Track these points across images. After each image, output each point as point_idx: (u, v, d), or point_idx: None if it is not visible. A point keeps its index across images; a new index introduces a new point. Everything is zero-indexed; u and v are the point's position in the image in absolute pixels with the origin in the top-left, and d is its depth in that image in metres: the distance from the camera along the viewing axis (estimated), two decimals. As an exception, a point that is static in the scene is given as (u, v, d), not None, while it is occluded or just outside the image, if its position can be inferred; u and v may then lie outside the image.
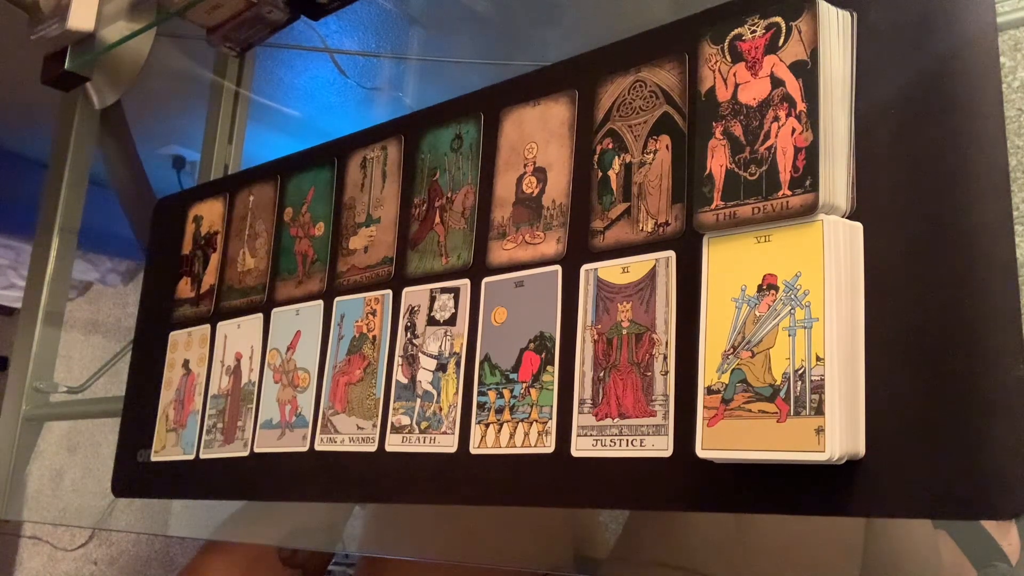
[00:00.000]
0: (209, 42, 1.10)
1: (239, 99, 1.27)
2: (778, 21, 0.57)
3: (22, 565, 2.81)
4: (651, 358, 0.62)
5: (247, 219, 0.96)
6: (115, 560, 2.79)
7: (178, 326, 1.00)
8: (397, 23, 1.41)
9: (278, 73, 1.73)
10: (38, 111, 1.59)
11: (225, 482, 0.90)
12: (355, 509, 0.90)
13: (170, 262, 1.04)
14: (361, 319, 0.81)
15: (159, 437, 0.98)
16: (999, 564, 0.69)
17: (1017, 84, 0.75)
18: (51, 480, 2.18)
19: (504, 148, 0.75)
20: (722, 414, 0.55)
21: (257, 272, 0.93)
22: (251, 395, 0.89)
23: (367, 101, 1.61)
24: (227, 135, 1.25)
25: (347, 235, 0.85)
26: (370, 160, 0.86)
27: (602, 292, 0.66)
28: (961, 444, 0.49)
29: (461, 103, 0.80)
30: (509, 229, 0.73)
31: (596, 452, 0.63)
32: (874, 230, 0.54)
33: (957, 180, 0.51)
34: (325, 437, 0.81)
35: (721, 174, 0.57)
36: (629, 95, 0.67)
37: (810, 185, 0.53)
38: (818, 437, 0.50)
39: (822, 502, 0.53)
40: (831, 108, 0.55)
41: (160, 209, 1.11)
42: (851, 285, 0.53)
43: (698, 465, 0.56)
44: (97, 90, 1.32)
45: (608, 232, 0.66)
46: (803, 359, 0.52)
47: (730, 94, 0.58)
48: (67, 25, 1.15)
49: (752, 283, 0.55)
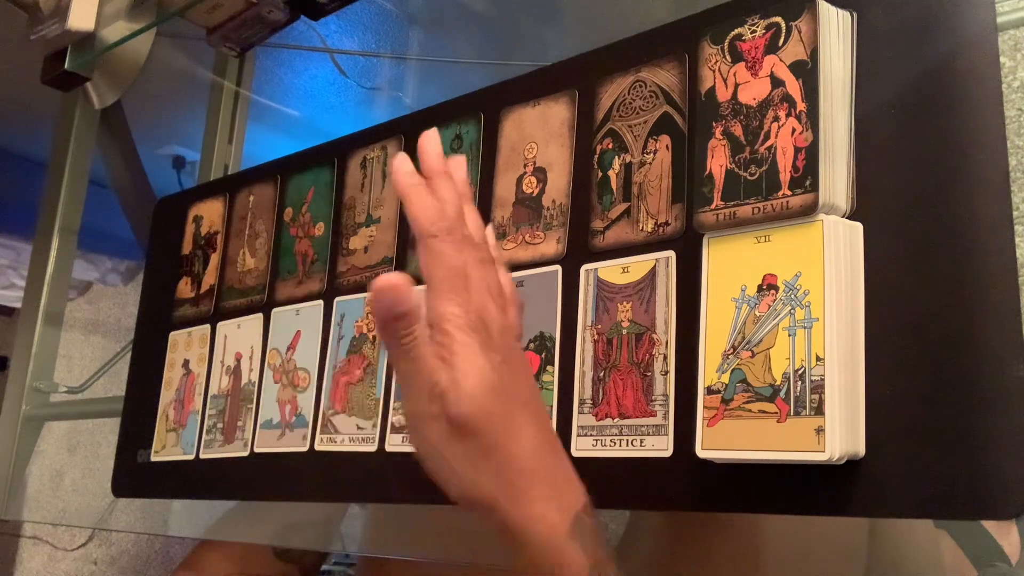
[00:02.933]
0: (209, 42, 1.10)
1: (239, 99, 1.27)
2: (778, 21, 0.57)
3: (22, 565, 2.81)
4: (651, 358, 0.62)
5: (247, 219, 0.96)
6: (115, 560, 2.79)
7: (178, 326, 1.00)
8: (397, 23, 1.42)
9: (278, 73, 1.73)
10: (38, 111, 1.59)
11: (225, 482, 0.90)
12: (353, 508, 0.90)
13: (170, 262, 1.04)
14: (361, 319, 0.81)
15: (159, 437, 0.98)
16: (999, 564, 0.69)
17: (1017, 84, 0.75)
18: (51, 480, 2.18)
19: (504, 148, 0.75)
20: (722, 414, 0.55)
21: (257, 272, 0.93)
22: (251, 395, 0.89)
23: (367, 101, 1.61)
24: (227, 135, 1.25)
25: (347, 235, 0.85)
26: (370, 160, 0.86)
27: (602, 292, 0.66)
28: (961, 444, 0.49)
29: (461, 103, 0.80)
30: (509, 229, 0.73)
31: (596, 452, 0.63)
32: (874, 230, 0.54)
33: (957, 180, 0.51)
34: (325, 437, 0.81)
35: (721, 174, 0.57)
36: (629, 95, 0.67)
37: (810, 185, 0.53)
38: (818, 437, 0.50)
39: (822, 502, 0.53)
40: (831, 108, 0.55)
41: (160, 209, 1.11)
42: (851, 285, 0.53)
43: (698, 465, 0.56)
44: (97, 90, 1.32)
45: (608, 232, 0.66)
46: (803, 359, 0.52)
47: (730, 94, 0.58)
48: (67, 25, 1.15)
49: (752, 283, 0.55)
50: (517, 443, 0.48)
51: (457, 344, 0.47)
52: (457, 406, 0.47)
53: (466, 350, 0.47)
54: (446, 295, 0.48)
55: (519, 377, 0.51)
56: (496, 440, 0.47)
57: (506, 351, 0.49)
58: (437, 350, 0.47)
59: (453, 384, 0.47)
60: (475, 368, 0.47)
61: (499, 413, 0.48)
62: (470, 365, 0.47)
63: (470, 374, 0.47)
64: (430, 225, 0.48)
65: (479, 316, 0.48)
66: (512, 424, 0.48)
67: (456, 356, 0.47)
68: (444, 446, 0.47)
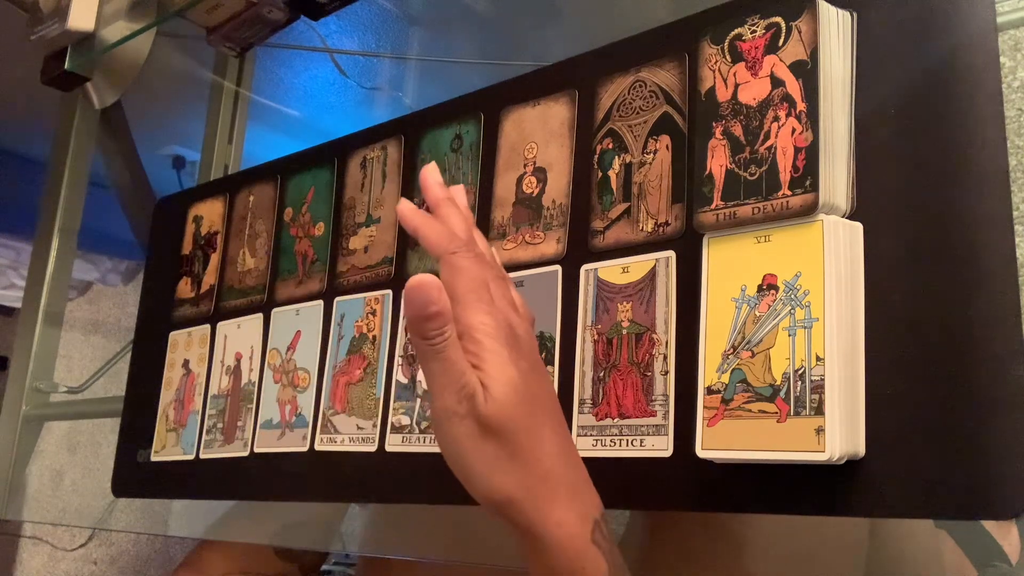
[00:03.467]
0: (209, 42, 1.10)
1: (239, 99, 1.27)
2: (778, 21, 0.57)
3: (22, 565, 2.81)
4: (651, 358, 0.62)
5: (247, 219, 0.96)
6: (115, 560, 2.79)
7: (178, 326, 1.00)
8: (397, 23, 1.42)
9: (278, 73, 1.73)
10: (38, 111, 1.59)
11: (225, 482, 0.90)
12: (353, 509, 0.90)
13: (170, 262, 1.04)
14: (361, 319, 0.81)
15: (159, 437, 0.98)
16: (999, 564, 0.69)
17: (1017, 84, 0.75)
18: (51, 480, 2.18)
19: (504, 148, 0.75)
20: (722, 414, 0.55)
21: (257, 272, 0.93)
22: (251, 395, 0.89)
23: (367, 101, 1.61)
24: (227, 135, 1.25)
25: (347, 235, 0.85)
26: (370, 160, 0.86)
27: (602, 292, 0.66)
28: (961, 444, 0.49)
29: (461, 103, 0.80)
30: (509, 229, 0.73)
31: (596, 452, 0.63)
32: (874, 230, 0.54)
33: (957, 180, 0.51)
34: (325, 437, 0.81)
35: (721, 174, 0.57)
36: (629, 95, 0.67)
37: (810, 185, 0.53)
38: (818, 437, 0.50)
39: (822, 502, 0.53)
40: (831, 108, 0.55)
41: (160, 209, 1.11)
42: (851, 285, 0.53)
43: (698, 465, 0.56)
44: (97, 90, 1.32)
45: (608, 232, 0.66)
46: (803, 359, 0.52)
47: (730, 94, 0.58)
48: (67, 25, 1.15)
49: (752, 283, 0.55)
50: (541, 448, 0.49)
51: (487, 352, 0.48)
52: (486, 406, 0.47)
53: (496, 357, 0.48)
54: (473, 305, 0.49)
55: (544, 386, 0.52)
56: (521, 443, 0.48)
57: (532, 360, 0.51)
58: (468, 356, 0.48)
59: (484, 386, 0.48)
60: (505, 373, 0.48)
61: (525, 417, 0.49)
62: (500, 370, 0.48)
63: (500, 378, 0.48)
64: (448, 244, 0.50)
65: (507, 325, 0.50)
66: (537, 429, 0.49)
67: (486, 362, 0.48)
68: (470, 445, 0.48)
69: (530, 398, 0.49)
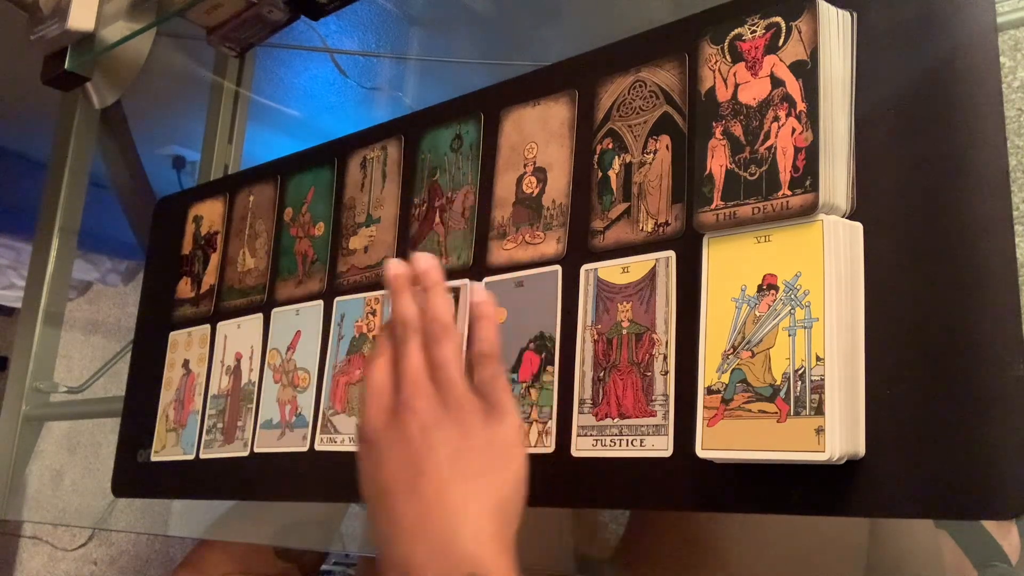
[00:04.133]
0: (209, 42, 1.10)
1: (239, 99, 1.27)
2: (778, 21, 0.57)
3: (22, 565, 2.81)
4: (651, 358, 0.62)
5: (247, 219, 0.96)
6: (115, 560, 2.79)
7: (178, 326, 1.00)
8: (397, 23, 1.42)
9: (278, 73, 1.73)
10: (38, 111, 1.59)
11: (225, 482, 0.90)
12: (353, 509, 0.90)
13: (170, 262, 1.04)
14: (361, 319, 0.81)
15: (159, 437, 0.98)
16: (999, 564, 0.69)
17: (1017, 84, 0.75)
18: (51, 480, 2.18)
19: (504, 148, 0.75)
20: (722, 414, 0.55)
21: (257, 272, 0.93)
22: (251, 395, 0.89)
23: (367, 101, 1.61)
24: (227, 135, 1.25)
25: (347, 235, 0.85)
26: (370, 160, 0.86)
27: (602, 292, 0.66)
28: (961, 444, 0.49)
29: (461, 103, 0.80)
30: (509, 229, 0.73)
31: (596, 452, 0.63)
32: (874, 230, 0.54)
33: (957, 180, 0.51)
34: (325, 437, 0.81)
35: (721, 174, 0.57)
36: (629, 95, 0.67)
37: (810, 185, 0.53)
38: (818, 437, 0.50)
39: (822, 502, 0.53)
40: (831, 108, 0.55)
41: (160, 209, 1.11)
42: (851, 285, 0.53)
43: (698, 465, 0.56)
44: (97, 90, 1.32)
45: (608, 232, 0.66)
46: (803, 359, 0.52)
47: (730, 94, 0.58)
48: (67, 25, 1.15)
49: (752, 283, 0.55)
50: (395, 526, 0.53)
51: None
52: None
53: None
54: (367, 402, 0.56)
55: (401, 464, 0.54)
56: (379, 524, 0.54)
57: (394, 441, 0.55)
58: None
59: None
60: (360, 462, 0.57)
61: (371, 500, 0.55)
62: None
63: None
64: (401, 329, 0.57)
65: (375, 423, 0.55)
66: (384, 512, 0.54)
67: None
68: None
69: (372, 483, 0.55)
